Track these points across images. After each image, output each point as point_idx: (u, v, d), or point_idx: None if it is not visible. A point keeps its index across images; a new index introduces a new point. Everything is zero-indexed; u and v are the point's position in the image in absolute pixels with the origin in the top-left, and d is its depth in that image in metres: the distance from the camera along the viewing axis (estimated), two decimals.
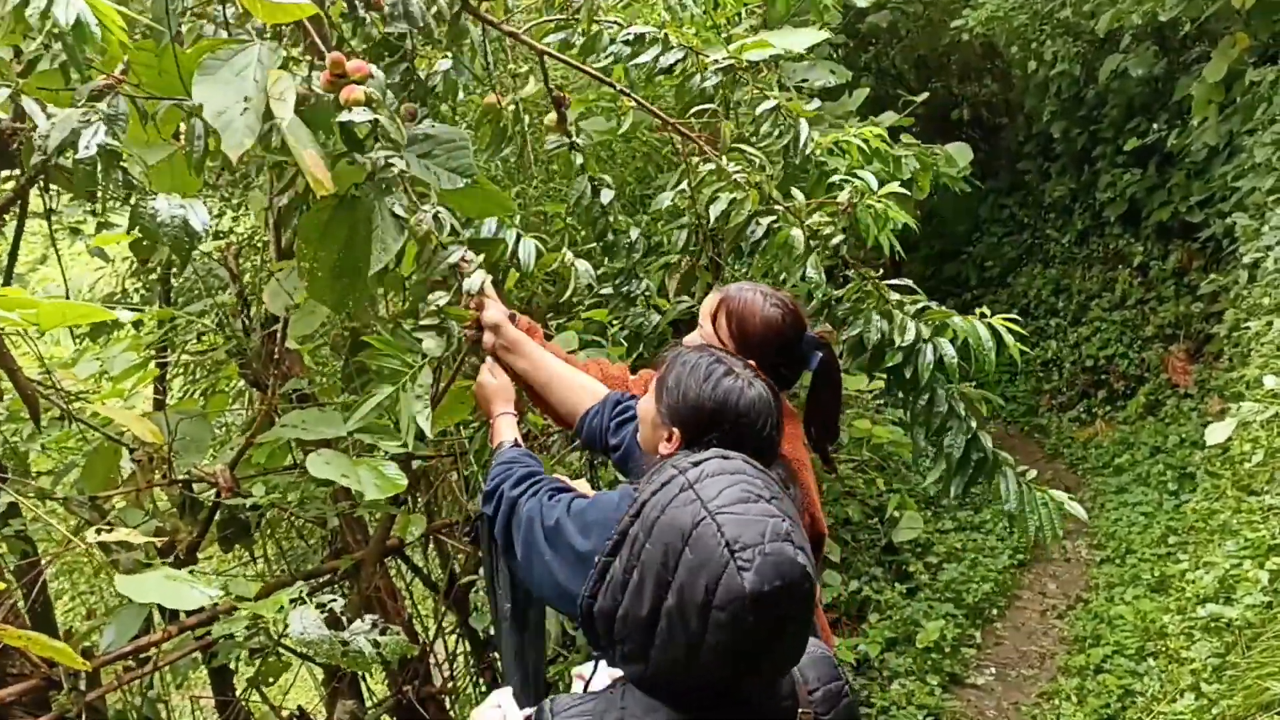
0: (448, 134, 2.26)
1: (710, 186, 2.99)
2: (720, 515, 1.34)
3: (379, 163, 2.00)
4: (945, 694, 5.35)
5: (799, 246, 2.89)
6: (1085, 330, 9.48)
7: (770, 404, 1.90)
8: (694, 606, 1.31)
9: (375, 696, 3.52)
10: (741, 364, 1.98)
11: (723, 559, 1.31)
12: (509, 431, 2.31)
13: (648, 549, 1.38)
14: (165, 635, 2.29)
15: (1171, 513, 6.80)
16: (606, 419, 2.32)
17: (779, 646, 1.36)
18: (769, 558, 1.30)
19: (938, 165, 5.79)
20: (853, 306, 3.00)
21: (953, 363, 2.86)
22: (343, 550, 3.22)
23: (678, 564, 1.34)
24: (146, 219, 1.89)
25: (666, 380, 1.95)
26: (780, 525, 1.35)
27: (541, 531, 1.99)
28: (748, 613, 1.29)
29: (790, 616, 1.33)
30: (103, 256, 5.61)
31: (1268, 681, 3.13)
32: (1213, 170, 7.82)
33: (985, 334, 2.87)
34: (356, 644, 1.96)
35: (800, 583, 1.32)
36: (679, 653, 1.34)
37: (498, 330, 2.34)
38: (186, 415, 2.56)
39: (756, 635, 1.31)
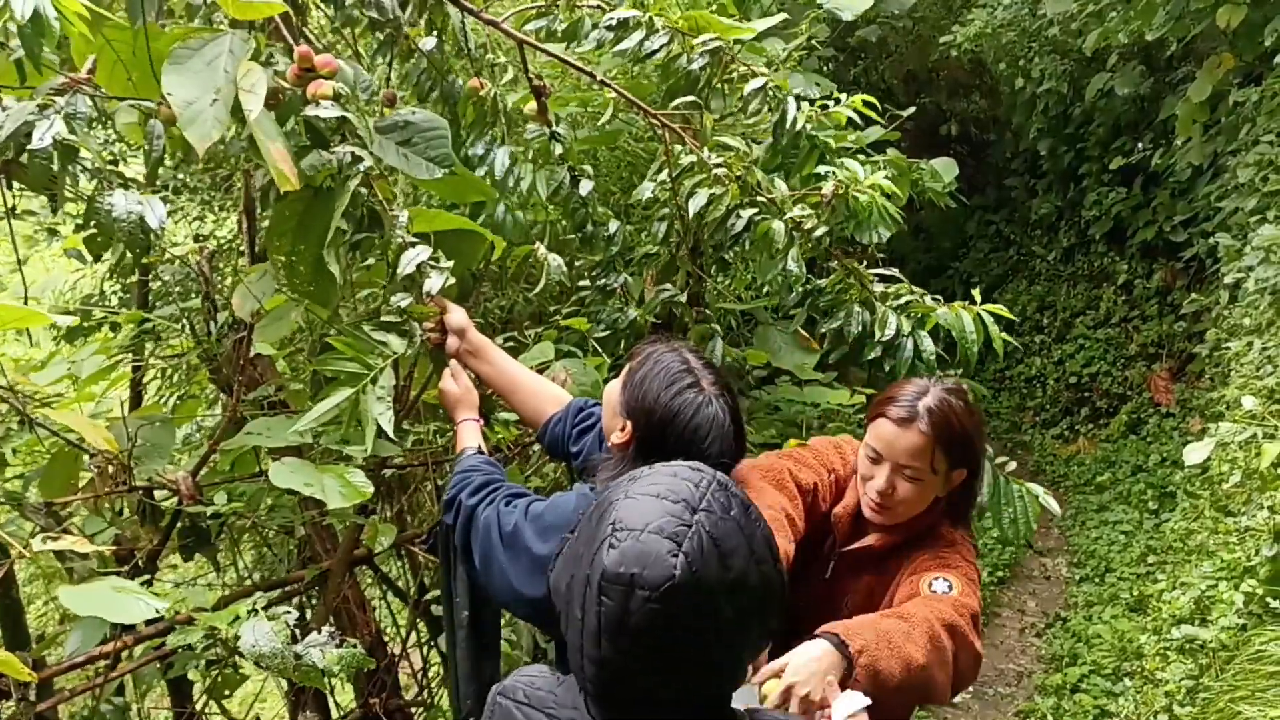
0: (427, 121, 2.21)
1: (691, 179, 2.96)
2: (627, 500, 1.34)
3: (345, 159, 1.97)
4: (922, 711, 5.32)
5: (780, 239, 2.86)
6: (1069, 347, 9.49)
7: (725, 426, 1.88)
8: (579, 581, 1.32)
9: (342, 709, 3.47)
10: (712, 378, 1.96)
11: (603, 535, 1.30)
12: (471, 438, 2.29)
13: (580, 526, 1.40)
14: (121, 645, 2.25)
15: (1151, 532, 6.80)
16: (569, 426, 2.31)
17: (636, 647, 1.28)
18: (637, 544, 1.27)
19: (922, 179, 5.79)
20: (834, 298, 2.97)
21: (931, 358, 2.83)
22: (311, 560, 3.18)
23: (588, 540, 1.35)
24: (102, 215, 1.85)
25: (635, 373, 1.94)
26: (674, 525, 1.29)
27: (499, 537, 1.98)
28: (603, 591, 1.27)
29: (648, 616, 1.26)
30: (80, 258, 5.56)
31: (1240, 705, 3.12)
32: (1196, 190, 7.85)
33: (970, 325, 2.84)
34: (309, 657, 1.92)
35: (659, 580, 1.25)
36: (574, 635, 1.34)
37: (462, 335, 2.31)
38: (149, 421, 2.52)
39: (612, 621, 1.27)
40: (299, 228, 2.21)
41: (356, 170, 2.04)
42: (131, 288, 5.56)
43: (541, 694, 1.45)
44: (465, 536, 2.08)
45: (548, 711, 1.42)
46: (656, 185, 3.17)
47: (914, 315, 2.93)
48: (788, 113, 3.03)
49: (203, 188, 6.06)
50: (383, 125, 2.17)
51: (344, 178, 2.05)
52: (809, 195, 3.04)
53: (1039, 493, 2.96)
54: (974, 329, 2.86)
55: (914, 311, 2.94)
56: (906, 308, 2.95)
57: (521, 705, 1.44)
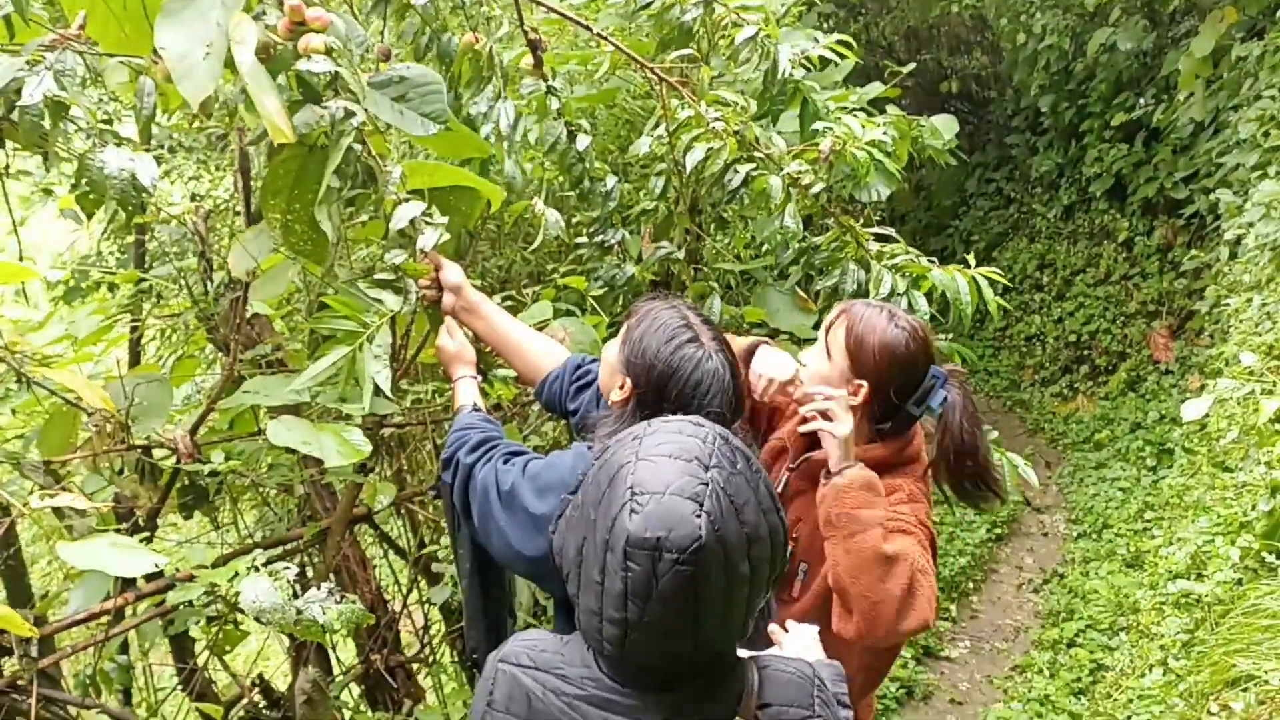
0: (422, 76, 2.18)
1: (688, 133, 2.94)
2: (641, 462, 1.34)
3: (337, 114, 1.94)
4: (919, 667, 5.37)
5: (778, 194, 2.84)
6: (1069, 305, 9.48)
7: (725, 381, 1.87)
8: (597, 546, 1.33)
9: (343, 665, 3.50)
10: (711, 333, 1.95)
11: (623, 499, 1.31)
12: (468, 395, 2.28)
13: (588, 487, 1.41)
14: (123, 602, 2.26)
15: (1149, 488, 6.83)
16: (566, 384, 2.30)
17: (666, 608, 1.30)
18: (660, 507, 1.29)
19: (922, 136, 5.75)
20: (830, 255, 2.95)
21: (924, 318, 2.82)
22: (311, 518, 3.19)
23: (599, 503, 1.35)
24: (94, 172, 1.84)
25: (633, 330, 1.93)
26: (692, 485, 1.31)
27: (496, 496, 1.98)
28: (629, 557, 1.29)
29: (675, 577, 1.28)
30: (76, 219, 5.54)
31: (1234, 658, 3.14)
32: (1198, 146, 7.81)
33: (964, 288, 2.83)
34: (310, 612, 1.93)
35: (685, 541, 1.27)
36: (590, 598, 1.35)
37: (458, 292, 2.30)
38: (146, 380, 2.52)
39: (638, 584, 1.29)
40: (295, 185, 2.19)
41: (349, 126, 2.02)
42: (128, 248, 5.55)
43: (547, 655, 1.45)
44: (464, 495, 2.08)
45: (555, 672, 1.42)
46: (654, 140, 3.14)
47: (909, 275, 2.92)
48: (779, 62, 3.00)
49: (198, 147, 6.03)
50: (377, 80, 2.14)
51: (337, 134, 2.03)
52: (806, 151, 3.02)
53: (1019, 463, 2.98)
54: (969, 291, 2.85)
55: (909, 271, 2.93)
56: (902, 268, 2.93)
57: (527, 670, 1.43)
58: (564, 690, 1.40)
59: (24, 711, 2.16)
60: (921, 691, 5.18)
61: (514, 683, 1.43)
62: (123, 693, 2.99)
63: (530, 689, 1.41)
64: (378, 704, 3.39)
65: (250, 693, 2.70)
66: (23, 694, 2.14)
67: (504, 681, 1.44)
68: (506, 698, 1.42)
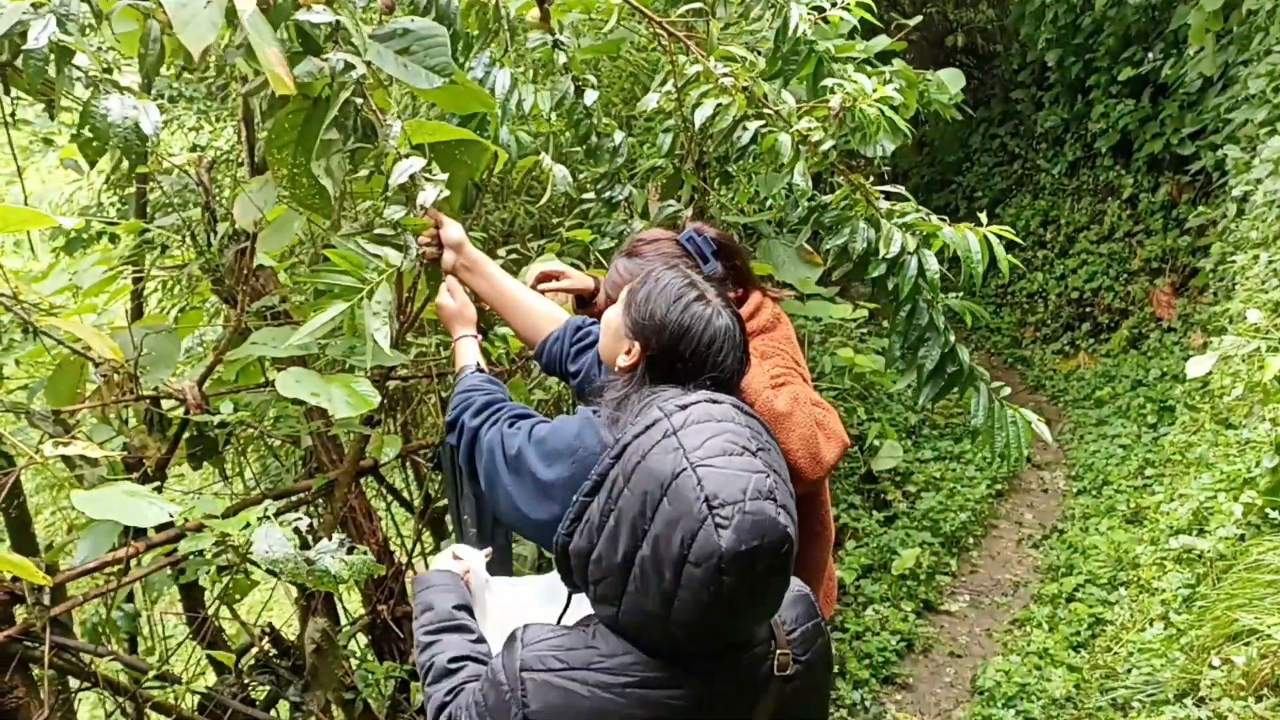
0: (426, 29, 2.15)
1: (697, 89, 2.91)
2: (701, 468, 1.32)
3: (337, 66, 1.91)
4: (919, 620, 5.41)
5: (787, 152, 2.81)
6: (1072, 262, 9.46)
7: (735, 336, 1.86)
8: (669, 560, 1.30)
9: (351, 615, 3.52)
10: (715, 290, 1.94)
11: (700, 514, 1.28)
12: (470, 355, 2.27)
13: (626, 495, 1.36)
14: (134, 551, 2.27)
15: (1150, 445, 6.84)
16: (567, 344, 2.28)
17: (755, 603, 1.34)
18: (749, 516, 1.28)
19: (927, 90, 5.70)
20: (840, 214, 2.93)
21: (934, 276, 2.81)
22: (318, 470, 3.20)
23: (655, 514, 1.32)
24: (97, 119, 1.81)
25: (637, 294, 1.91)
26: (764, 482, 1.32)
27: (503, 460, 1.97)
28: (724, 572, 1.27)
29: (768, 575, 1.31)
30: (77, 169, 5.50)
31: (1237, 613, 3.16)
32: (1206, 102, 7.75)
33: (975, 245, 2.81)
34: (322, 563, 1.94)
35: (780, 543, 1.29)
36: (652, 603, 1.33)
37: (459, 250, 2.28)
38: (154, 330, 2.51)
39: (732, 593, 1.29)
40: (301, 138, 2.16)
41: (349, 79, 1.99)
42: (129, 199, 5.51)
43: (579, 653, 1.42)
44: (470, 458, 2.08)
45: (596, 667, 1.40)
46: (662, 96, 3.11)
47: (919, 233, 2.90)
48: (790, 18, 2.96)
49: (199, 97, 5.97)
50: (380, 33, 2.11)
51: (337, 86, 2.00)
52: (816, 108, 2.98)
53: (1033, 419, 2.98)
54: (979, 249, 2.84)
55: (919, 229, 2.90)
56: (911, 226, 2.91)
57: (561, 673, 1.40)
58: (612, 683, 1.39)
59: (37, 659, 2.17)
60: (921, 644, 5.22)
61: (549, 688, 1.40)
62: (129, 640, 3.01)
63: (573, 689, 1.39)
64: (384, 654, 3.42)
65: (260, 641, 2.72)
66: (36, 642, 2.15)
67: (537, 691, 1.40)
68: (546, 705, 1.39)
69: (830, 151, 2.88)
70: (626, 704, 1.37)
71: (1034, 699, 4.47)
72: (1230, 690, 3.00)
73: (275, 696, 2.83)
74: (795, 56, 3.15)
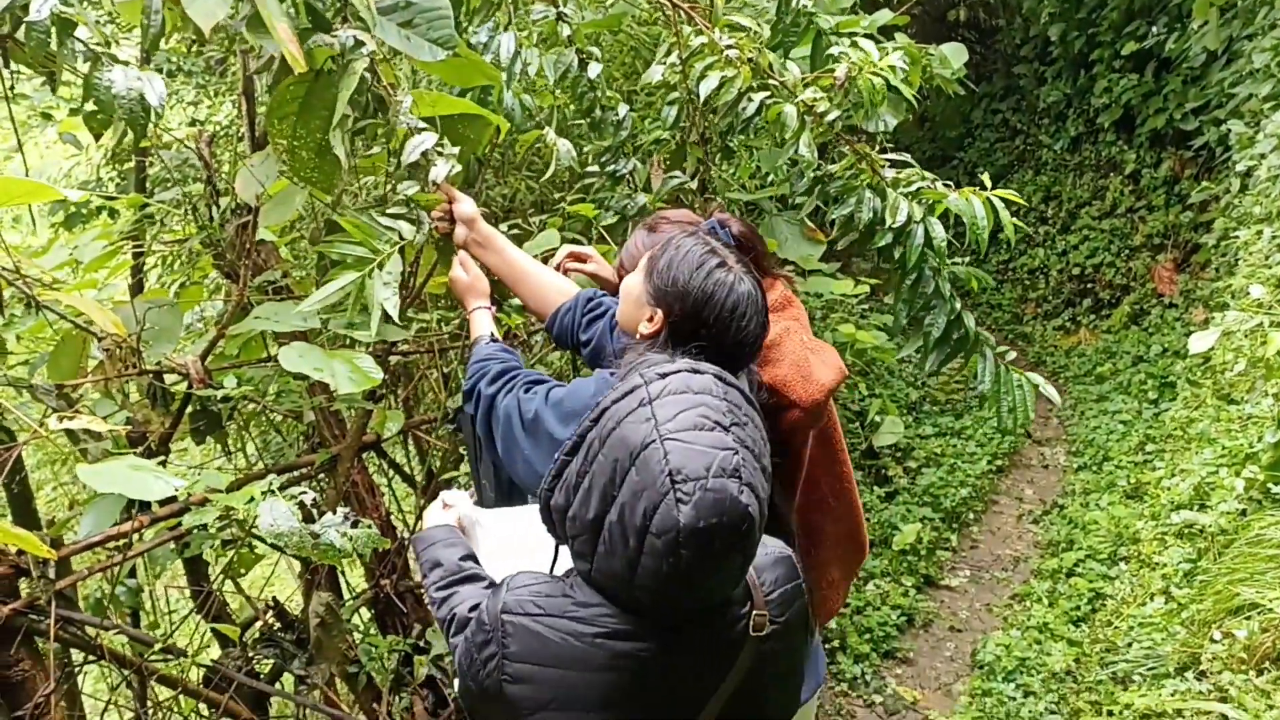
0: (429, 1, 2.14)
1: (701, 61, 2.89)
2: (669, 441, 1.33)
3: (347, 43, 1.90)
4: (919, 595, 5.44)
5: (792, 123, 2.80)
6: (1074, 238, 9.44)
7: (757, 301, 1.86)
8: (632, 527, 1.32)
9: (353, 590, 3.53)
10: (736, 257, 1.94)
11: (663, 488, 1.30)
12: (484, 326, 2.29)
13: (599, 459, 1.39)
14: (136, 526, 2.27)
15: (1150, 421, 6.85)
16: (579, 315, 2.30)
17: (712, 579, 1.36)
18: (710, 493, 1.29)
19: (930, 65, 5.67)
20: (845, 184, 2.92)
21: (942, 245, 2.80)
22: (320, 444, 3.19)
23: (623, 482, 1.34)
24: (101, 91, 1.80)
25: (658, 262, 1.91)
26: (730, 459, 1.33)
27: (520, 425, 1.99)
28: (682, 546, 1.29)
29: (726, 551, 1.33)
30: (75, 144, 5.47)
31: (1238, 587, 3.17)
32: (1210, 76, 7.71)
33: (980, 210, 2.80)
34: (327, 537, 1.94)
35: (739, 522, 1.31)
36: (618, 565, 1.36)
37: (471, 225, 2.31)
38: (157, 305, 2.50)
39: (690, 567, 1.31)
40: (301, 111, 2.15)
41: (360, 54, 1.98)
42: (127, 174, 5.48)
43: (556, 600, 1.45)
44: (487, 425, 2.09)
45: (569, 615, 1.43)
46: (666, 68, 3.09)
47: (925, 201, 2.88)
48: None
49: (197, 71, 5.94)
50: (383, 6, 2.09)
51: (347, 61, 1.99)
52: (821, 78, 2.96)
53: (1039, 382, 2.97)
54: (984, 214, 2.82)
55: (925, 197, 2.89)
56: (917, 194, 2.90)
57: (537, 617, 1.44)
58: (582, 632, 1.42)
59: (42, 632, 2.17)
60: (921, 619, 5.25)
61: (527, 632, 1.43)
62: (131, 614, 3.01)
63: (546, 636, 1.43)
64: (388, 628, 3.42)
65: (264, 615, 2.72)
66: (41, 615, 2.16)
67: (517, 633, 1.44)
68: (524, 648, 1.43)
69: (835, 122, 2.85)
70: (596, 653, 1.40)
71: (1034, 673, 4.49)
72: (1231, 664, 3.01)
73: (279, 670, 2.83)
74: (795, 29, 3.14)
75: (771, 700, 1.53)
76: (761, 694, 1.51)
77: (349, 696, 3.24)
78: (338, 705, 2.98)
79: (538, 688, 1.42)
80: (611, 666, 1.40)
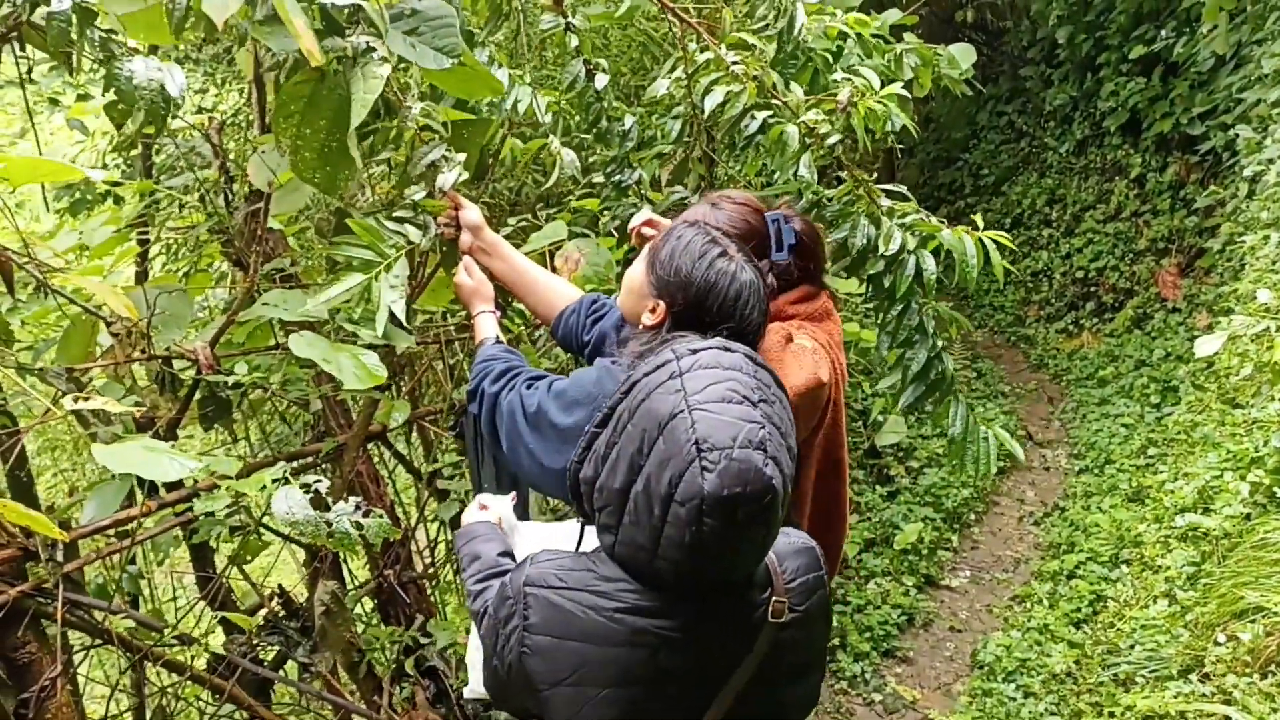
0: (435, 10, 2.15)
1: (707, 76, 2.90)
2: (697, 411, 1.35)
3: (360, 47, 1.91)
4: (920, 594, 5.44)
5: (793, 144, 2.81)
6: (1078, 241, 9.43)
7: (759, 289, 1.88)
8: (657, 496, 1.34)
9: (356, 579, 3.53)
10: (736, 246, 1.95)
11: (689, 456, 1.32)
12: (488, 329, 2.33)
13: (629, 429, 1.41)
14: (145, 510, 2.27)
15: (1153, 425, 6.84)
16: (583, 317, 2.35)
17: (735, 549, 1.37)
18: (735, 463, 1.31)
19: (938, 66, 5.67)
20: (842, 209, 2.93)
21: (931, 278, 2.81)
22: (326, 434, 3.19)
23: (650, 451, 1.36)
24: (122, 81, 1.81)
25: (660, 252, 1.93)
26: (756, 432, 1.34)
27: (523, 418, 2.01)
28: (704, 514, 1.31)
29: (749, 524, 1.34)
30: (82, 130, 5.47)
31: (1243, 590, 3.17)
32: (1218, 81, 7.70)
33: (971, 249, 2.81)
34: (340, 525, 1.94)
35: (763, 493, 1.32)
36: (642, 536, 1.37)
37: (477, 232, 2.35)
38: (167, 290, 2.50)
39: (712, 536, 1.32)
40: (305, 111, 2.15)
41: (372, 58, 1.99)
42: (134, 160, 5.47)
43: (579, 574, 1.46)
44: (491, 423, 2.11)
45: (592, 589, 1.44)
46: (672, 82, 3.11)
47: (918, 234, 2.90)
48: (795, 19, 2.96)
49: (204, 60, 5.94)
50: (390, 14, 2.10)
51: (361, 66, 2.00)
52: (824, 101, 2.98)
53: (1007, 439, 2.99)
54: (975, 252, 2.83)
55: (918, 229, 2.90)
56: (911, 226, 2.91)
57: (560, 590, 1.45)
58: (603, 606, 1.42)
59: (49, 615, 2.17)
60: (921, 619, 5.25)
61: (549, 605, 1.45)
62: (131, 599, 3.01)
63: (568, 609, 1.44)
64: (390, 618, 3.42)
65: (270, 603, 2.72)
66: (49, 598, 2.16)
67: (538, 605, 1.45)
68: (544, 620, 1.44)
69: (836, 146, 2.87)
70: (617, 628, 1.41)
71: (1034, 674, 4.49)
72: (1235, 666, 3.01)
73: (283, 657, 2.83)
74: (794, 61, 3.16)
75: (787, 693, 1.53)
76: (778, 685, 1.51)
77: (350, 686, 3.24)
78: (340, 694, 2.98)
79: (555, 661, 1.43)
80: (630, 642, 1.41)
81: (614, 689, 1.41)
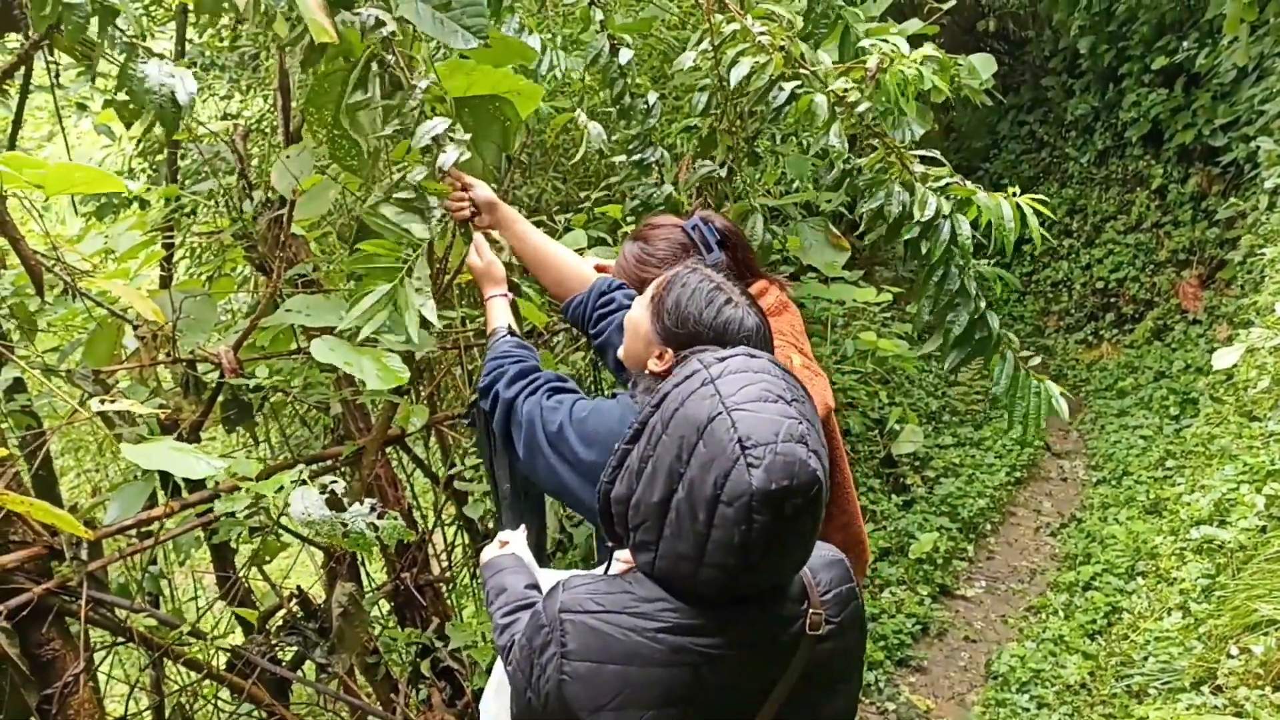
0: None
1: (733, 47, 2.90)
2: (736, 411, 1.35)
3: (368, 22, 1.93)
4: (935, 604, 5.43)
5: (823, 113, 2.80)
6: (1098, 252, 9.40)
7: (765, 335, 1.88)
8: (702, 500, 1.33)
9: (374, 582, 3.56)
10: (740, 291, 1.95)
11: (733, 455, 1.32)
12: (501, 316, 2.31)
13: (664, 440, 1.40)
14: (168, 510, 2.31)
15: (1171, 437, 6.81)
16: (590, 308, 2.32)
17: (784, 547, 1.37)
18: (780, 457, 1.31)
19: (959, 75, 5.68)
20: (874, 177, 2.92)
21: (968, 241, 2.80)
22: (345, 437, 3.23)
23: (690, 457, 1.35)
24: (135, 82, 1.84)
25: (665, 301, 1.91)
26: (796, 427, 1.35)
27: (544, 435, 2.00)
28: (754, 510, 1.31)
29: (798, 518, 1.34)
30: (109, 134, 5.54)
31: (1256, 603, 3.17)
32: (1240, 93, 7.67)
33: (1009, 213, 2.79)
34: (356, 526, 1.97)
35: (809, 485, 1.33)
36: (686, 546, 1.37)
37: (492, 209, 2.33)
38: (191, 295, 2.54)
39: (762, 533, 1.32)
40: (339, 98, 2.18)
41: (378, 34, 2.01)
42: (160, 165, 5.55)
43: (615, 597, 1.45)
44: (506, 425, 2.10)
45: (631, 611, 1.43)
46: (698, 54, 3.09)
47: (952, 197, 2.88)
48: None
49: (230, 65, 6.01)
50: None
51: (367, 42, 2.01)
52: (853, 69, 2.97)
53: (1055, 391, 2.96)
54: (1012, 217, 2.82)
55: (953, 193, 2.88)
56: (945, 189, 2.89)
57: (598, 614, 1.44)
58: (644, 627, 1.41)
59: (74, 612, 2.22)
60: (936, 628, 5.24)
61: (587, 630, 1.43)
62: (151, 599, 3.06)
63: (607, 632, 1.42)
64: (407, 621, 3.46)
65: (288, 603, 2.76)
66: (73, 596, 2.20)
67: (575, 631, 1.43)
68: (583, 645, 1.43)
69: (866, 113, 2.86)
70: (658, 648, 1.40)
71: (1048, 685, 4.48)
72: (1247, 679, 3.01)
73: (301, 657, 2.87)
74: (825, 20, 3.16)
75: (826, 706, 1.53)
76: (817, 698, 1.51)
77: (367, 687, 3.28)
78: (357, 695, 3.01)
79: (596, 687, 1.41)
80: (672, 662, 1.40)
81: (656, 710, 1.40)
